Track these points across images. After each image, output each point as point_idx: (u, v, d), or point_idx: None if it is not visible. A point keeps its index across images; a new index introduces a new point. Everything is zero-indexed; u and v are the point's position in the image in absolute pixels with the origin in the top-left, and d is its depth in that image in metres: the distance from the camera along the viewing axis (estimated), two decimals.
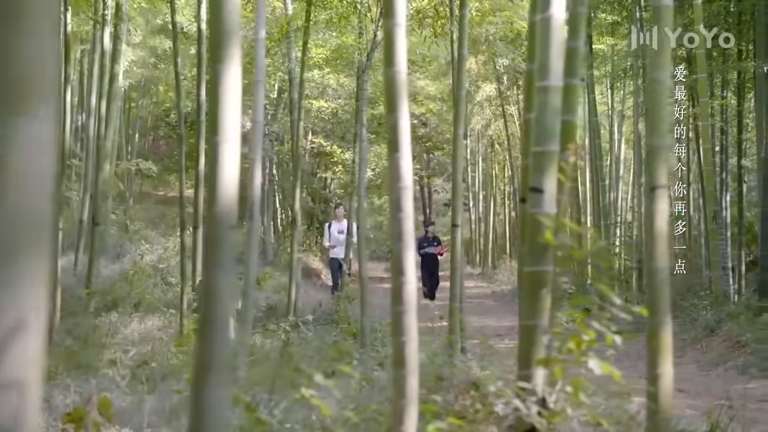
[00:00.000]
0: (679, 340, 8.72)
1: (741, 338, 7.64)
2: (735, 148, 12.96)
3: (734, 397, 6.37)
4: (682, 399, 6.27)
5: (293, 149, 8.20)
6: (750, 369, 7.19)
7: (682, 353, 8.36)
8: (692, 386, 7.02)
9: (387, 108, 2.50)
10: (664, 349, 2.63)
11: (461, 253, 5.32)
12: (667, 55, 2.70)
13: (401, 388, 2.46)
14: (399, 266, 2.49)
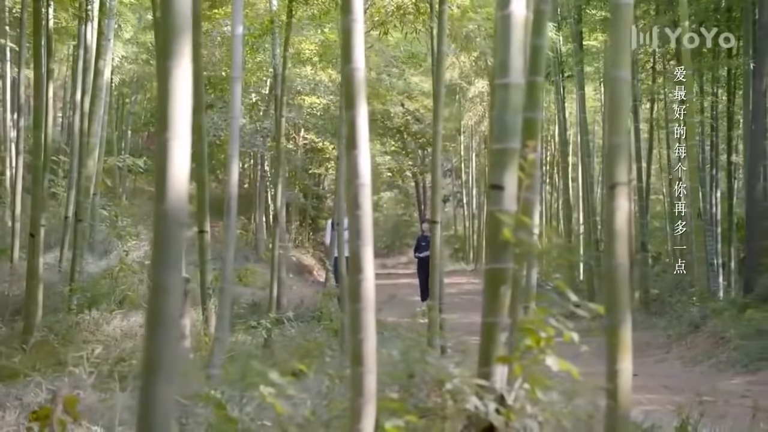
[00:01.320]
0: (665, 336, 8.76)
1: (725, 334, 7.67)
2: (726, 144, 12.99)
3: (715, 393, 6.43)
4: (664, 395, 6.30)
5: (276, 145, 8.17)
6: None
7: (668, 349, 8.39)
8: (676, 382, 7.04)
9: (345, 105, 2.50)
10: (623, 346, 2.64)
11: (441, 250, 5.31)
12: (627, 53, 2.69)
13: (359, 386, 2.46)
14: (357, 264, 2.48)
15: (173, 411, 2.04)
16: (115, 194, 16.52)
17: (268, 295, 8.04)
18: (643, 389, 6.81)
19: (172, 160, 2.05)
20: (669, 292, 10.84)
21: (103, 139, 11.53)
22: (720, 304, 8.67)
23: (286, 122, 17.44)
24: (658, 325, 9.12)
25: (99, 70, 7.52)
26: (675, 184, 12.29)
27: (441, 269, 5.43)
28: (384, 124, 20.78)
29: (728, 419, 4.14)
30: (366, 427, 2.45)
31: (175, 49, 2.03)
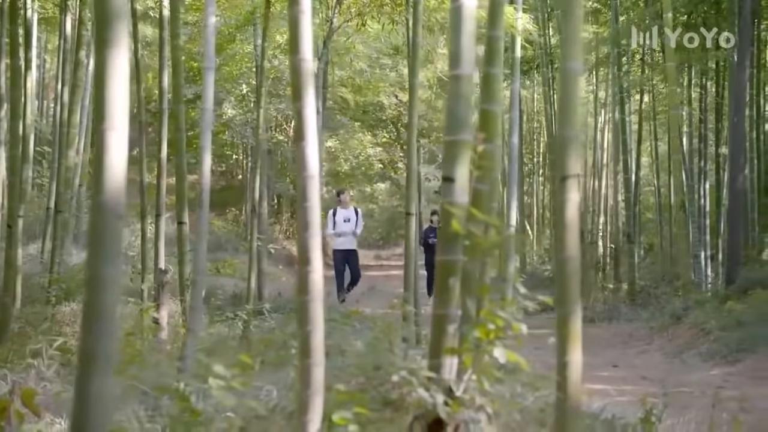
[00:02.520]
0: (647, 328, 8.79)
1: (706, 326, 7.69)
2: (714, 136, 12.99)
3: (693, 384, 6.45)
4: (643, 386, 6.32)
5: (256, 136, 8.15)
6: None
7: (650, 341, 8.42)
8: (655, 373, 7.07)
9: (293, 96, 2.49)
10: (572, 337, 2.63)
11: (416, 242, 5.31)
12: (578, 45, 2.67)
13: (307, 378, 2.46)
14: (305, 255, 2.48)
15: (110, 404, 2.04)
16: None
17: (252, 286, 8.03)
18: (622, 380, 6.84)
19: (109, 151, 2.04)
20: (655, 283, 10.87)
21: (89, 130, 11.51)
22: (702, 295, 8.69)
23: (277, 113, 17.44)
24: (643, 316, 9.15)
25: (80, 61, 7.48)
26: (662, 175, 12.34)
27: (415, 261, 5.42)
28: (376, 116, 20.74)
29: (692, 409, 4.14)
30: (313, 419, 2.45)
31: (109, 38, 2.02)
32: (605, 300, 10.61)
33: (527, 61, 14.61)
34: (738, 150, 8.93)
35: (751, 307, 7.55)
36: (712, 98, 12.65)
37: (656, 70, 11.81)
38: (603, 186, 15.81)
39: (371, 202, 25.85)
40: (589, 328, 9.86)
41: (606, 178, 15.51)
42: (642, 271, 12.67)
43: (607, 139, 15.61)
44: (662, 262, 11.72)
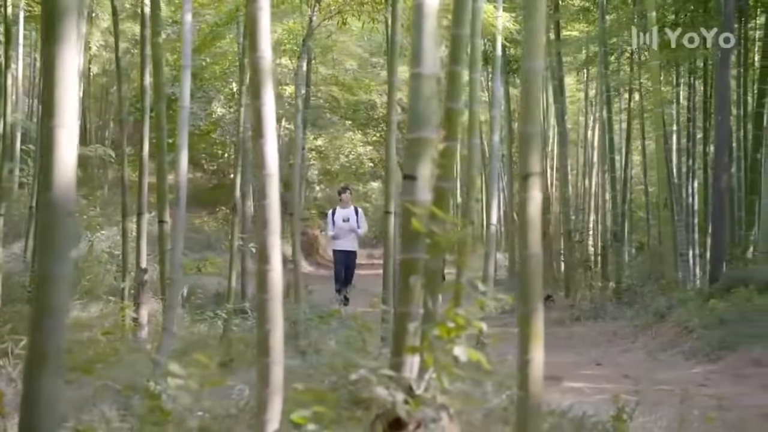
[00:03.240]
0: (632, 326, 8.81)
1: (689, 324, 7.71)
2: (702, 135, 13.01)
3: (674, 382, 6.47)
4: (625, 384, 6.33)
5: (237, 134, 8.13)
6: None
7: (634, 339, 8.44)
8: (638, 371, 7.08)
9: (251, 94, 2.48)
10: (535, 335, 2.62)
11: (394, 241, 5.31)
12: (540, 43, 2.67)
13: (265, 377, 2.45)
14: (264, 254, 2.47)
15: (60, 403, 2.03)
16: (94, 184, 16.44)
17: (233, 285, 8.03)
18: (604, 378, 6.86)
19: (58, 148, 2.03)
20: (642, 282, 10.88)
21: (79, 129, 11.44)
22: (686, 293, 8.72)
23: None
24: (628, 315, 9.17)
25: None
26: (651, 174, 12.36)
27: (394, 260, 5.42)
28: (367, 114, 20.73)
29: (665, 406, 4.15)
30: (272, 418, 2.45)
31: (59, 34, 2.01)
32: (592, 298, 10.62)
33: (516, 59, 14.60)
34: (722, 149, 8.95)
35: (733, 306, 7.57)
36: (701, 97, 12.67)
37: (644, 68, 11.82)
38: (593, 184, 15.85)
39: (365, 201, 25.86)
40: (575, 327, 9.93)
41: (596, 177, 15.55)
42: (632, 270, 12.70)
43: (597, 137, 15.64)
44: (650, 261, 11.74)
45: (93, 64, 16.47)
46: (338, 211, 9.66)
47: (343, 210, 9.62)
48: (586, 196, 16.16)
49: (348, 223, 9.45)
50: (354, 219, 9.47)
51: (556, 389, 5.23)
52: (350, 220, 9.42)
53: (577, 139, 18.80)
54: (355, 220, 9.46)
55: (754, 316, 7.24)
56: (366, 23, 7.64)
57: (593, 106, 15.62)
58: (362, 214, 9.64)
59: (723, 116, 8.74)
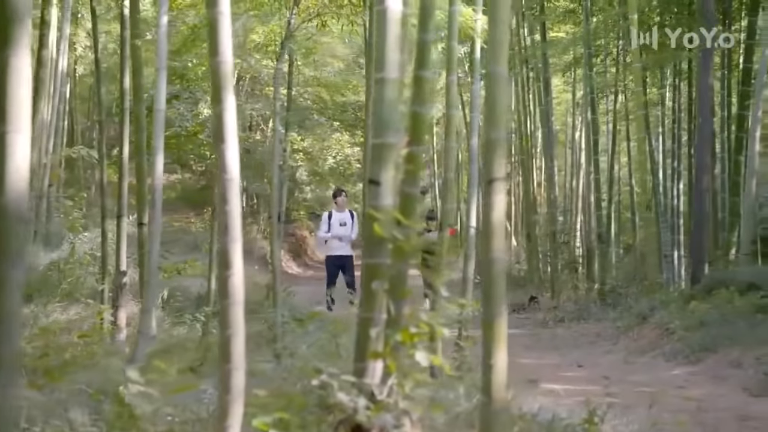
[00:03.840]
0: (614, 328, 8.83)
1: (670, 326, 7.74)
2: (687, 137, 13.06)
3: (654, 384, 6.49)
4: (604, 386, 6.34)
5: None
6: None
7: (616, 341, 8.47)
8: (618, 373, 7.11)
9: (212, 98, 2.47)
10: (498, 339, 2.62)
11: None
12: (504, 47, 2.67)
13: (226, 383, 2.44)
14: (226, 259, 2.46)
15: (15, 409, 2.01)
16: (81, 185, 16.34)
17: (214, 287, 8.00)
18: (584, 380, 6.87)
19: (11, 154, 2.02)
20: (627, 283, 10.92)
21: (59, 130, 11.42)
22: (668, 295, 8.75)
23: (255, 113, 17.38)
24: (611, 316, 9.20)
25: (42, 60, 7.40)
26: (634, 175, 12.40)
27: None
28: (356, 115, 20.73)
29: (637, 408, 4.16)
30: (233, 424, 2.44)
31: (11, 38, 1.99)
32: (577, 300, 10.64)
33: None
34: (703, 151, 9.00)
35: (713, 307, 7.60)
36: (686, 99, 12.73)
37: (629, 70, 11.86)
38: (581, 185, 15.89)
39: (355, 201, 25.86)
40: (559, 328, 9.96)
41: (583, 178, 15.59)
42: (619, 271, 12.74)
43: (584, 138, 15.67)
44: (635, 262, 11.79)
45: (79, 65, 16.38)
46: (334, 214, 9.36)
47: (339, 214, 9.37)
48: (574, 197, 16.20)
49: (345, 228, 9.22)
50: (350, 223, 9.26)
51: (533, 392, 5.23)
52: (347, 225, 9.21)
53: (565, 140, 18.86)
54: (350, 224, 9.26)
55: (734, 318, 7.28)
56: (345, 26, 7.64)
57: (580, 107, 15.66)
58: (357, 219, 9.41)
59: (704, 118, 8.79)
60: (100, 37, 16.38)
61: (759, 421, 5.21)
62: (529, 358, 8.16)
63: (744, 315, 7.32)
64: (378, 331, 2.54)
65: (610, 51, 13.15)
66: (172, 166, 21.65)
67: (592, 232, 12.58)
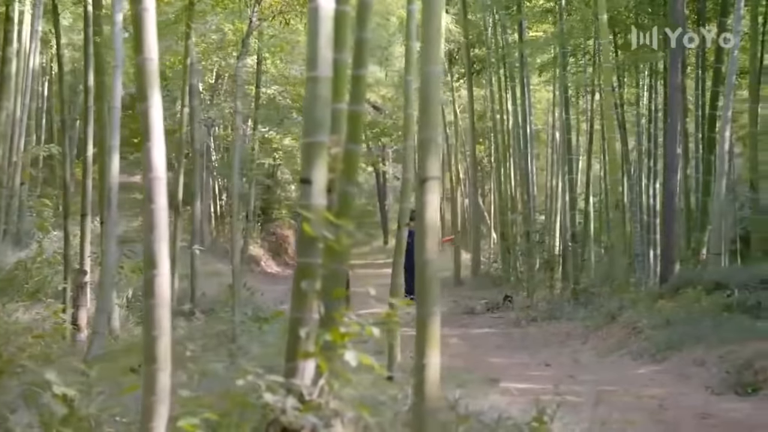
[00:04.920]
0: (584, 327, 8.85)
1: (638, 324, 7.77)
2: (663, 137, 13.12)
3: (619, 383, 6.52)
4: (569, 385, 6.36)
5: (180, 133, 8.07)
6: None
7: (585, 340, 8.49)
8: (584, 372, 7.12)
9: (138, 97, 2.44)
10: (431, 339, 2.62)
11: None
12: (438, 48, 2.67)
13: (152, 384, 2.41)
14: (151, 259, 2.44)
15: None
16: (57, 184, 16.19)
17: (187, 286, 7.97)
18: (549, 379, 6.87)
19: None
20: (600, 282, 10.96)
21: (34, 127, 11.29)
22: (637, 294, 8.79)
23: (234, 112, 17.27)
24: (580, 315, 9.22)
25: (7, 58, 7.33)
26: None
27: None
28: None
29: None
30: (158, 425, 2.41)
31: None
32: (550, 299, 10.67)
33: (481, 59, 14.66)
34: (672, 151, 9.05)
35: (680, 306, 7.64)
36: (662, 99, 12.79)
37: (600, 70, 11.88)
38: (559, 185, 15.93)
39: None
40: (531, 327, 9.97)
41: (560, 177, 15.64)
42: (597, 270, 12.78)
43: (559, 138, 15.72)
44: (610, 261, 11.83)
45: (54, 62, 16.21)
46: None
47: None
48: (554, 196, 16.25)
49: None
50: None
51: (490, 390, 5.24)
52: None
53: (547, 139, 18.91)
54: None
55: (699, 317, 7.32)
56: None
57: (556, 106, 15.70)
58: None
59: (672, 118, 8.84)
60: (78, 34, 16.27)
61: (717, 419, 5.24)
62: (498, 357, 8.17)
63: (710, 314, 7.36)
64: (308, 330, 2.52)
65: (587, 50, 13.17)
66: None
67: (568, 232, 12.61)
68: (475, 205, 15.30)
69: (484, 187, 19.19)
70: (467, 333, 9.80)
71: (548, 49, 14.34)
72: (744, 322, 7.03)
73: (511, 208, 13.90)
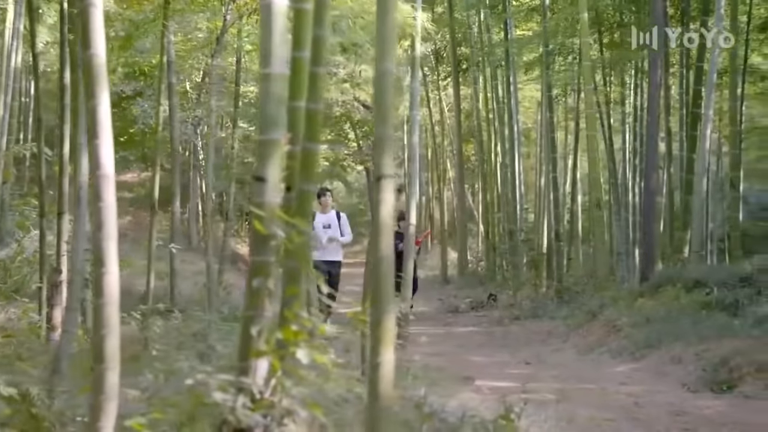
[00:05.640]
0: (564, 325, 8.87)
1: (618, 323, 7.80)
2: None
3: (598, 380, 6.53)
4: (548, 383, 6.38)
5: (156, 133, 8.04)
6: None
7: (566, 338, 8.51)
8: (565, 371, 7.14)
9: (86, 94, 2.42)
10: (385, 338, 2.60)
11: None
12: (392, 44, 2.65)
13: (100, 383, 2.39)
14: (100, 257, 2.42)
15: None
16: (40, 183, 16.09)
17: (167, 285, 7.94)
18: (528, 377, 6.88)
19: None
20: (584, 280, 11.00)
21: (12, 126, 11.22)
22: (618, 292, 8.81)
23: (221, 111, 17.22)
24: (562, 314, 9.25)
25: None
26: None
27: None
28: (324, 113, 20.63)
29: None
30: (106, 425, 2.39)
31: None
32: (534, 298, 10.69)
33: (466, 58, 14.66)
34: (652, 149, 9.08)
35: (659, 304, 7.66)
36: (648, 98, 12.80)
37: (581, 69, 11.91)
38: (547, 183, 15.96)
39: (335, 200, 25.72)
40: (513, 326, 9.98)
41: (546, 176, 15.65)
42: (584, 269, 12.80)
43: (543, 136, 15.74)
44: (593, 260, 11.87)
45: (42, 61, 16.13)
46: (318, 216, 8.44)
47: (324, 215, 8.57)
48: (542, 195, 16.28)
49: (330, 230, 8.54)
50: (336, 225, 8.61)
51: (466, 389, 5.24)
52: (332, 227, 8.54)
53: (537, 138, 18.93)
54: (337, 226, 8.61)
55: (678, 315, 7.34)
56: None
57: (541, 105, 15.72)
58: (346, 220, 8.75)
59: (652, 116, 8.87)
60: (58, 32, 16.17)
61: (691, 416, 5.26)
62: (479, 356, 8.18)
63: (689, 312, 7.39)
64: (259, 329, 2.51)
65: (572, 49, 13.18)
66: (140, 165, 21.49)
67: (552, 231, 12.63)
68: (462, 204, 15.31)
69: (474, 186, 19.21)
70: (450, 331, 9.80)
71: (535, 47, 14.38)
72: (721, 320, 7.06)
73: (497, 207, 13.92)
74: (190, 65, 15.62)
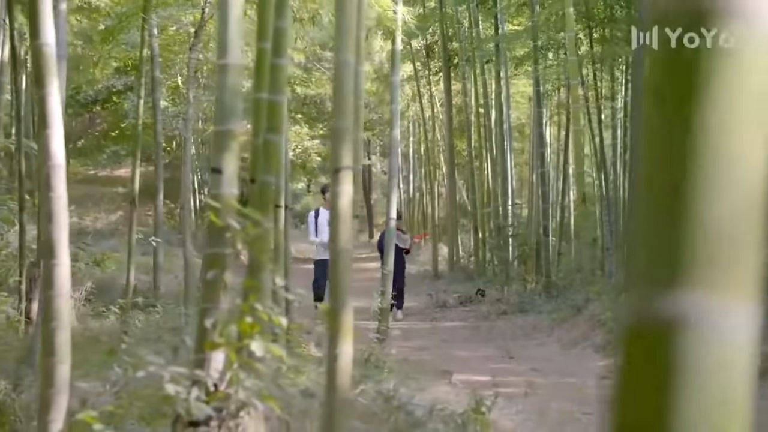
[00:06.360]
0: (549, 320, 8.87)
1: (602, 317, 7.78)
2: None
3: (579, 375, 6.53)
4: (530, 377, 6.37)
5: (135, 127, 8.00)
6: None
7: (550, 333, 8.51)
8: (548, 365, 7.13)
9: (36, 83, 2.39)
10: (344, 330, 2.60)
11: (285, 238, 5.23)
12: (350, 36, 2.63)
13: (50, 376, 2.38)
14: (50, 248, 2.40)
15: None
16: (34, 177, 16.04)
17: (150, 279, 7.92)
18: (512, 372, 6.89)
19: None
20: (572, 275, 10.99)
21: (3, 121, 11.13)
22: (603, 287, 8.79)
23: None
24: (547, 308, 9.24)
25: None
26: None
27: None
28: (318, 108, 20.60)
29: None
30: (56, 418, 2.38)
31: None
32: (522, 292, 10.67)
33: (456, 53, 14.62)
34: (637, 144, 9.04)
35: None
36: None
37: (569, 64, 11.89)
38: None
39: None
40: (500, 321, 9.96)
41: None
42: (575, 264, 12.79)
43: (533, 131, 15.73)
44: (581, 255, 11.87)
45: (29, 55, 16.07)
46: (322, 212, 8.09)
47: (328, 211, 7.83)
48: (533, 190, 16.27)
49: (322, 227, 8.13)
50: None
51: (442, 383, 5.24)
52: None
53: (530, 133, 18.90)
54: None
55: None
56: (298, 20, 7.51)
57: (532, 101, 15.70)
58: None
59: (637, 111, 8.82)
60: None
61: None
62: (463, 350, 8.17)
63: None
64: (213, 321, 2.49)
65: (562, 44, 13.15)
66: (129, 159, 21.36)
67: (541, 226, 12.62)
68: (453, 199, 15.29)
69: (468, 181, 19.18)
70: (437, 326, 9.79)
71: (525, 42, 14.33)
72: None
73: (487, 203, 13.90)
74: (181, 60, 15.56)
